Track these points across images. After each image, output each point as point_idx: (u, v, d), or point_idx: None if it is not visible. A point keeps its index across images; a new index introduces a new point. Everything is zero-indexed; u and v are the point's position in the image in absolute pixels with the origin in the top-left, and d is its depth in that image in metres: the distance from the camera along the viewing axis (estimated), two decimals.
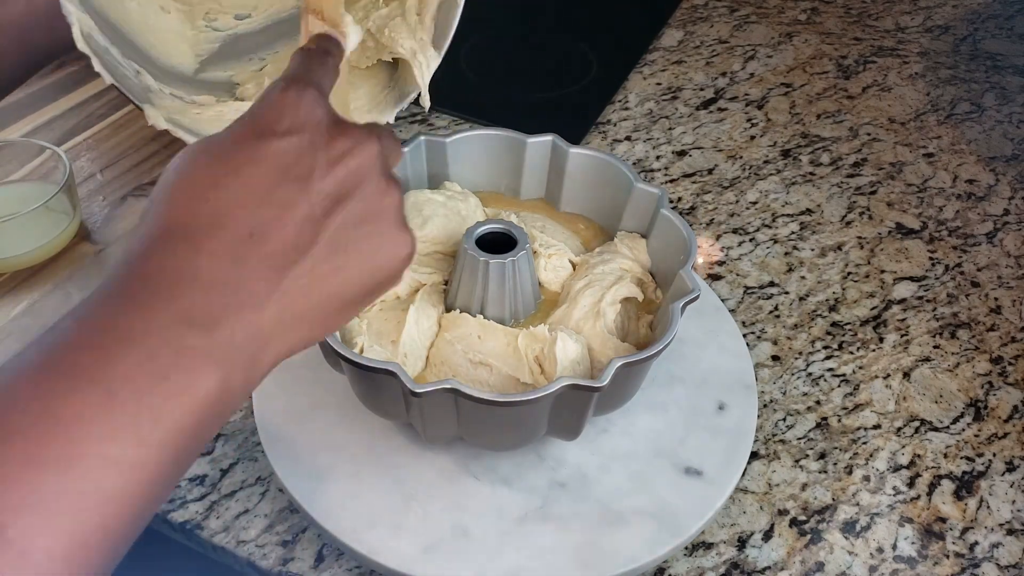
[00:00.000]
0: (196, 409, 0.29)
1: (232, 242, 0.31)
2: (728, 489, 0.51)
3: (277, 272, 0.31)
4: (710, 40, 0.99)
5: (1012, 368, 0.64)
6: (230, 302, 0.30)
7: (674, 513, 0.49)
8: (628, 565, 0.47)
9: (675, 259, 0.53)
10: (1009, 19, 1.08)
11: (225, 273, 0.30)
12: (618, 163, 0.57)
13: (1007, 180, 0.81)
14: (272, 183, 0.32)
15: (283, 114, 0.33)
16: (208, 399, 0.29)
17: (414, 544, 0.47)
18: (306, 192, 0.32)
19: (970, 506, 0.55)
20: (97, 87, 0.79)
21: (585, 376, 0.48)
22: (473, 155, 0.59)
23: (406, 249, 0.35)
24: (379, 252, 0.34)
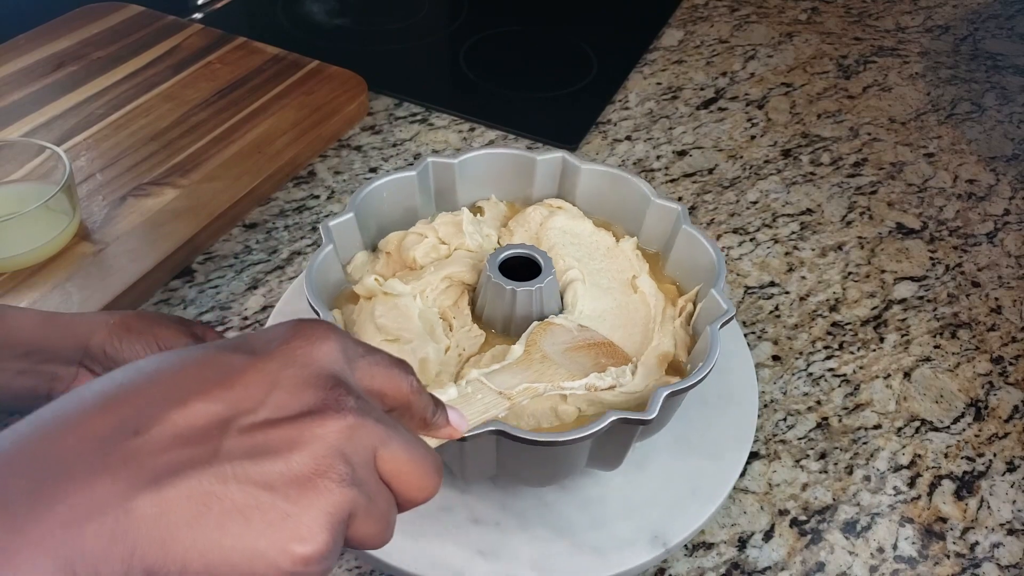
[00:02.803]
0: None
1: (111, 427, 0.26)
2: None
3: (136, 484, 0.25)
4: (710, 40, 0.99)
5: (1012, 368, 0.64)
6: (61, 494, 0.25)
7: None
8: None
9: (700, 275, 0.52)
10: (1009, 19, 1.08)
11: (74, 458, 0.25)
12: (634, 178, 0.56)
13: (1007, 180, 0.81)
14: (200, 389, 0.27)
15: (286, 338, 0.30)
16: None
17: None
18: (231, 421, 0.27)
19: (971, 506, 0.54)
20: (97, 87, 0.79)
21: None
22: (481, 174, 0.58)
23: (306, 549, 0.27)
24: (271, 534, 0.26)
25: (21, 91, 0.78)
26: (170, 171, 0.70)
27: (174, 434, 0.26)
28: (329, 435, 0.28)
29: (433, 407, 0.35)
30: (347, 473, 0.28)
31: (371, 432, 0.29)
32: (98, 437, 0.26)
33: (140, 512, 0.25)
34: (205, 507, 0.26)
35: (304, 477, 0.27)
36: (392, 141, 0.80)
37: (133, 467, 0.25)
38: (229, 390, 0.28)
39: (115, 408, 0.27)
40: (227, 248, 0.68)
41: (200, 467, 0.26)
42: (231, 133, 0.75)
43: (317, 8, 1.02)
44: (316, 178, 0.75)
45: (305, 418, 0.28)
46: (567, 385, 0.45)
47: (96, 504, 0.25)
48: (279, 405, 0.28)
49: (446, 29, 1.00)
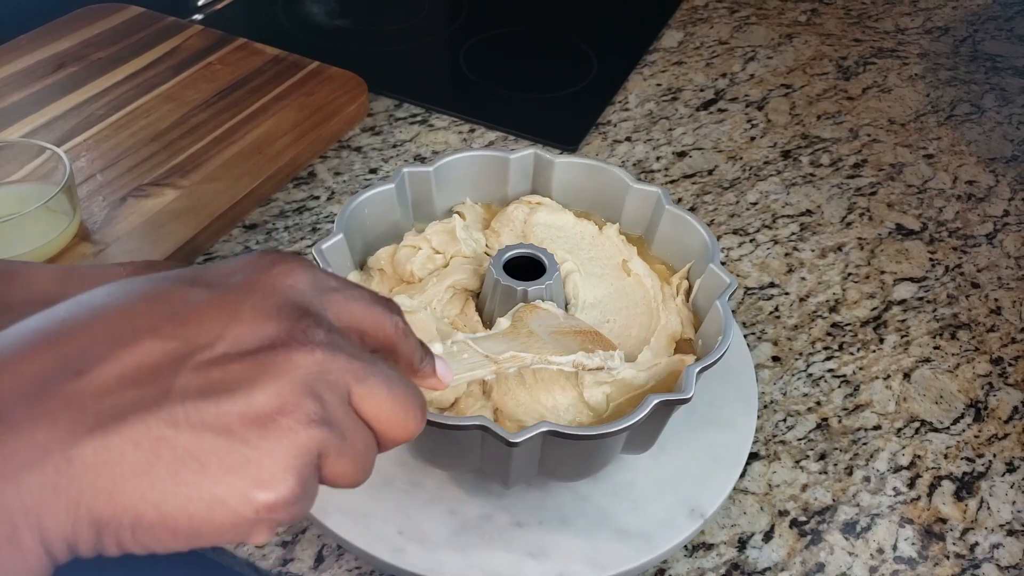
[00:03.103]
0: None
1: (51, 368, 0.24)
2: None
3: (77, 429, 0.23)
4: (710, 41, 0.99)
5: (1012, 369, 0.64)
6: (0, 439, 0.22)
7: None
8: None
9: (690, 254, 0.53)
10: (1009, 20, 1.08)
11: (9, 401, 0.23)
12: (610, 167, 0.57)
13: (1007, 181, 0.81)
14: (151, 326, 0.25)
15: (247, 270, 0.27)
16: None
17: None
18: (185, 358, 0.25)
19: (970, 507, 0.54)
20: (97, 88, 0.79)
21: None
22: (456, 179, 0.58)
23: (270, 495, 0.24)
24: (230, 481, 0.24)
25: (21, 92, 0.78)
26: (170, 172, 0.70)
27: (120, 374, 0.24)
28: (294, 370, 0.25)
29: (421, 352, 0.32)
30: (315, 410, 0.25)
31: (343, 367, 0.27)
32: (36, 378, 0.24)
33: (83, 460, 0.23)
34: (155, 454, 0.23)
35: (265, 416, 0.25)
36: (392, 142, 0.80)
37: (75, 411, 0.23)
38: (182, 325, 0.25)
39: (55, 346, 0.24)
40: (227, 249, 0.68)
41: (148, 409, 0.24)
42: (231, 134, 0.75)
43: (317, 9, 1.02)
44: (316, 179, 0.75)
45: (267, 351, 0.25)
46: (554, 359, 0.44)
47: (35, 452, 0.23)
48: (238, 339, 0.25)
49: (446, 30, 1.00)
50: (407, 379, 0.30)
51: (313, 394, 0.26)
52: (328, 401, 0.26)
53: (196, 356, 0.25)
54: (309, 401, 0.25)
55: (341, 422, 0.27)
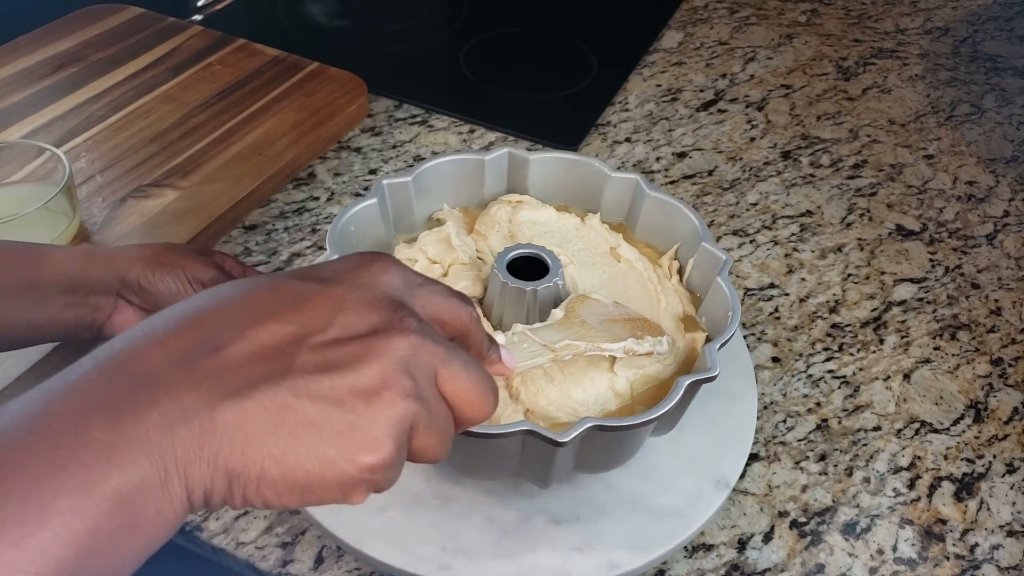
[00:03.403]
0: (93, 510, 0.25)
1: (193, 345, 0.28)
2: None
3: (217, 395, 0.27)
4: (710, 42, 0.99)
5: (1012, 370, 0.64)
6: (153, 400, 0.27)
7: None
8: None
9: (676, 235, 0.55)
10: (1009, 21, 1.08)
11: (162, 370, 0.27)
12: (586, 158, 0.57)
13: (1007, 182, 0.81)
14: (274, 312, 0.29)
15: (349, 268, 0.32)
16: (110, 499, 0.25)
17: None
18: (303, 340, 0.29)
19: (970, 508, 0.54)
20: (97, 89, 0.79)
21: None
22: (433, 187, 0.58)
23: (372, 458, 0.29)
24: (340, 443, 0.28)
25: (21, 92, 0.78)
26: (170, 173, 0.70)
27: (251, 351, 0.28)
28: (394, 351, 0.30)
29: (488, 341, 0.37)
30: (411, 387, 0.30)
31: (432, 351, 0.31)
32: (182, 353, 0.28)
33: (223, 420, 0.27)
34: (280, 418, 0.28)
35: (371, 390, 0.29)
36: (392, 143, 0.80)
37: (216, 379, 0.28)
38: (300, 312, 0.30)
39: (196, 328, 0.29)
40: (227, 250, 0.68)
41: (275, 381, 0.28)
42: (231, 135, 0.75)
43: (317, 10, 1.02)
44: (316, 180, 0.75)
45: (371, 336, 0.30)
46: (606, 346, 0.47)
47: (185, 412, 0.27)
48: (346, 325, 0.30)
49: (446, 31, 1.00)
50: (481, 366, 0.34)
51: (408, 372, 0.30)
52: (420, 380, 0.30)
53: (312, 338, 0.29)
54: (405, 378, 0.30)
55: (429, 399, 0.31)
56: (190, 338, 0.28)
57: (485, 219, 0.57)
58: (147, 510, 0.26)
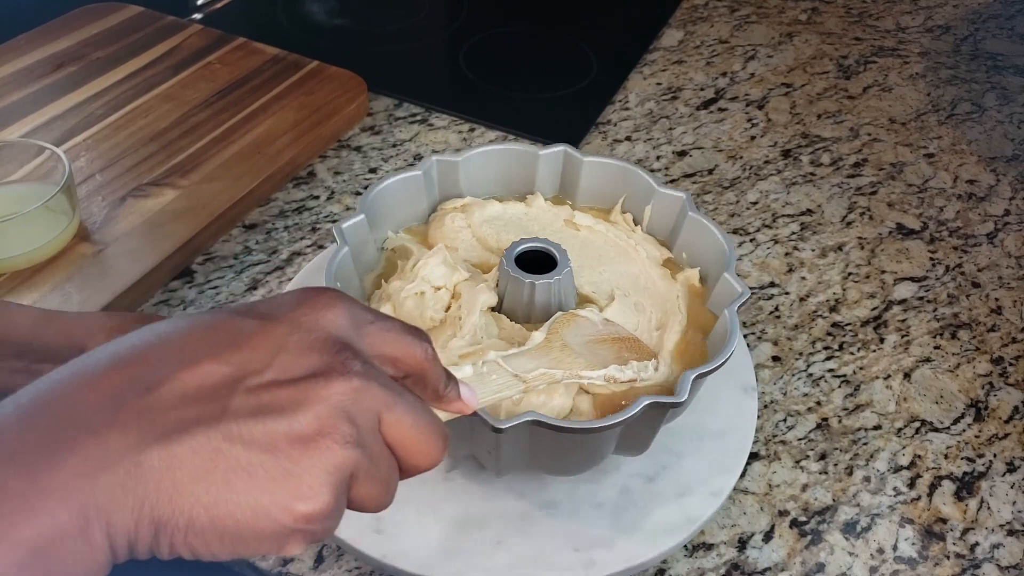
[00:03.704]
0: (5, 560, 0.24)
1: (123, 384, 0.27)
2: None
3: (146, 438, 0.26)
4: (710, 40, 0.99)
5: (1013, 369, 0.63)
6: (75, 444, 0.25)
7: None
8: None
9: (709, 260, 0.53)
10: (1010, 19, 1.08)
11: (88, 411, 0.26)
12: (637, 169, 0.57)
13: (1008, 180, 0.81)
14: (210, 352, 0.28)
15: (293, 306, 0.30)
16: (24, 550, 0.24)
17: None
18: (239, 382, 0.28)
19: (971, 507, 0.54)
20: (96, 87, 0.79)
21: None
22: (484, 171, 0.58)
23: (308, 507, 0.27)
24: (273, 491, 0.27)
25: (21, 91, 0.78)
26: (170, 172, 0.70)
27: (184, 392, 0.27)
28: (333, 396, 0.29)
29: (446, 379, 0.35)
30: (350, 434, 0.28)
31: (375, 396, 0.30)
32: (112, 393, 0.27)
33: (150, 465, 0.26)
34: (212, 463, 0.26)
35: (307, 436, 0.28)
36: (392, 142, 0.80)
37: (144, 422, 0.26)
38: (237, 352, 0.29)
39: (128, 367, 0.28)
40: (227, 249, 0.68)
41: (208, 425, 0.27)
42: (231, 134, 0.75)
43: (317, 8, 1.02)
44: (316, 179, 0.75)
45: (310, 380, 0.29)
46: (585, 374, 0.45)
47: (109, 456, 0.25)
48: (285, 368, 0.29)
49: (446, 29, 1.00)
50: (430, 411, 0.33)
51: (348, 419, 0.29)
52: (361, 425, 0.29)
53: (248, 380, 0.28)
54: (345, 424, 0.28)
55: (371, 446, 0.30)
56: (121, 377, 0.27)
57: (441, 232, 0.56)
58: (66, 561, 0.25)
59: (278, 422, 0.28)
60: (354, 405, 0.29)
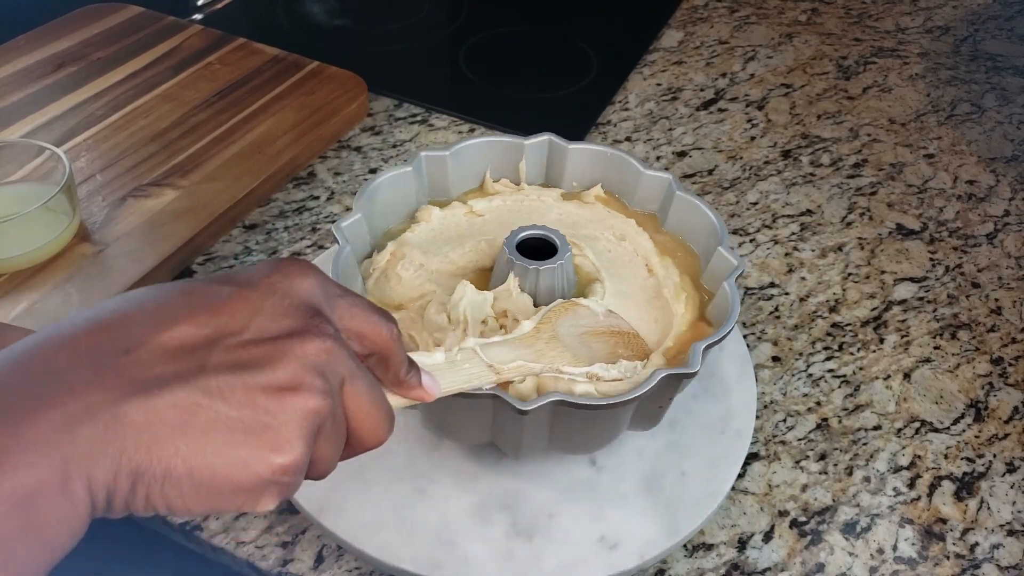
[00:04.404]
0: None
1: (102, 345, 0.27)
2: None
3: (125, 392, 0.27)
4: (710, 41, 0.99)
5: (1012, 369, 0.64)
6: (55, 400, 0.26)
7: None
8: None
9: (700, 237, 0.54)
10: (1009, 20, 1.08)
11: (67, 370, 0.27)
12: (622, 154, 0.57)
13: (1007, 181, 0.81)
14: (188, 315, 0.29)
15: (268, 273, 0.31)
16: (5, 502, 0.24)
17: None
18: (217, 341, 0.29)
19: (970, 507, 0.54)
20: (96, 88, 0.79)
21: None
22: (471, 164, 0.58)
23: (284, 459, 0.28)
24: (251, 443, 0.28)
25: (21, 92, 0.78)
26: (170, 172, 0.70)
27: (163, 351, 0.28)
28: (308, 354, 0.30)
29: (407, 365, 0.36)
30: (323, 387, 0.30)
31: (344, 361, 0.31)
32: (90, 354, 0.27)
33: (129, 418, 0.26)
34: (191, 416, 0.27)
35: (284, 388, 0.29)
36: (392, 142, 0.80)
37: (124, 378, 0.27)
38: (214, 315, 0.29)
39: (106, 329, 0.28)
40: (227, 249, 0.68)
41: (187, 379, 0.27)
42: (231, 134, 0.75)
43: (317, 9, 1.02)
44: (316, 179, 0.75)
45: (286, 339, 0.30)
46: (567, 370, 0.44)
47: (88, 409, 0.26)
48: (261, 329, 0.30)
49: (446, 29, 1.00)
50: (382, 393, 0.34)
51: (321, 375, 0.30)
52: (331, 383, 0.30)
53: (226, 340, 0.29)
54: (319, 379, 0.30)
55: (337, 405, 0.31)
56: (98, 339, 0.28)
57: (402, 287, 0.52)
58: (47, 514, 0.25)
59: (256, 376, 0.28)
60: (327, 363, 0.30)
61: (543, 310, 0.46)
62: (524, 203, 0.58)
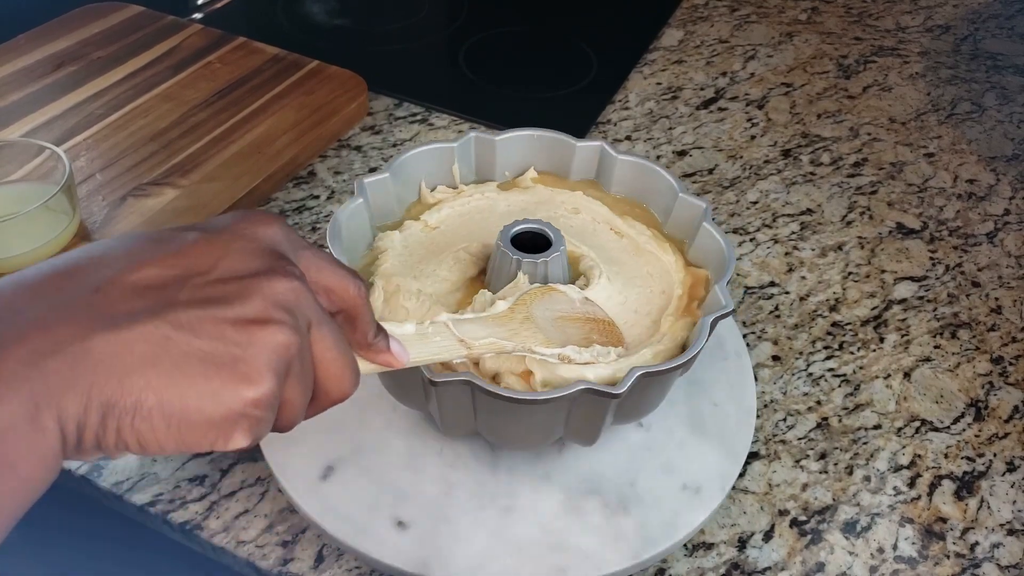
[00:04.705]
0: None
1: (69, 287, 0.27)
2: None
3: (94, 327, 0.26)
4: (710, 40, 0.99)
5: (1013, 368, 0.63)
6: (22, 336, 0.26)
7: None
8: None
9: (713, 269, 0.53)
10: (1010, 19, 1.08)
11: (33, 308, 0.27)
12: (663, 171, 0.57)
13: (1008, 180, 0.81)
14: (156, 258, 0.29)
15: (235, 220, 0.32)
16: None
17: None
18: (186, 280, 0.29)
19: (971, 506, 0.54)
20: (96, 87, 0.79)
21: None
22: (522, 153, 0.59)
23: (255, 391, 0.28)
24: (223, 376, 0.28)
25: (21, 91, 0.78)
26: (170, 171, 0.70)
27: (132, 289, 0.28)
28: (276, 291, 0.30)
29: (375, 328, 0.35)
30: (292, 323, 0.30)
31: (311, 305, 0.31)
32: (59, 294, 0.27)
33: (99, 350, 0.26)
34: (161, 349, 0.27)
35: (253, 321, 0.29)
36: (392, 141, 0.80)
37: (93, 314, 0.27)
38: (183, 257, 0.30)
39: (74, 272, 0.28)
40: None
41: (157, 314, 0.27)
42: (231, 133, 0.75)
43: (317, 8, 1.02)
44: (316, 178, 0.75)
45: (254, 277, 0.30)
46: (539, 350, 0.43)
47: (57, 344, 0.26)
48: (229, 268, 0.30)
49: (446, 29, 1.00)
50: (349, 347, 0.33)
51: (290, 312, 0.30)
52: (299, 322, 0.30)
53: (195, 279, 0.29)
54: (287, 315, 0.30)
55: (303, 344, 0.30)
56: (67, 281, 0.28)
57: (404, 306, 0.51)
58: (19, 448, 0.25)
59: (225, 310, 0.28)
60: (294, 304, 0.30)
61: (518, 292, 0.46)
62: (470, 204, 0.57)
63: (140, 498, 0.51)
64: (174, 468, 0.52)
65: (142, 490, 0.51)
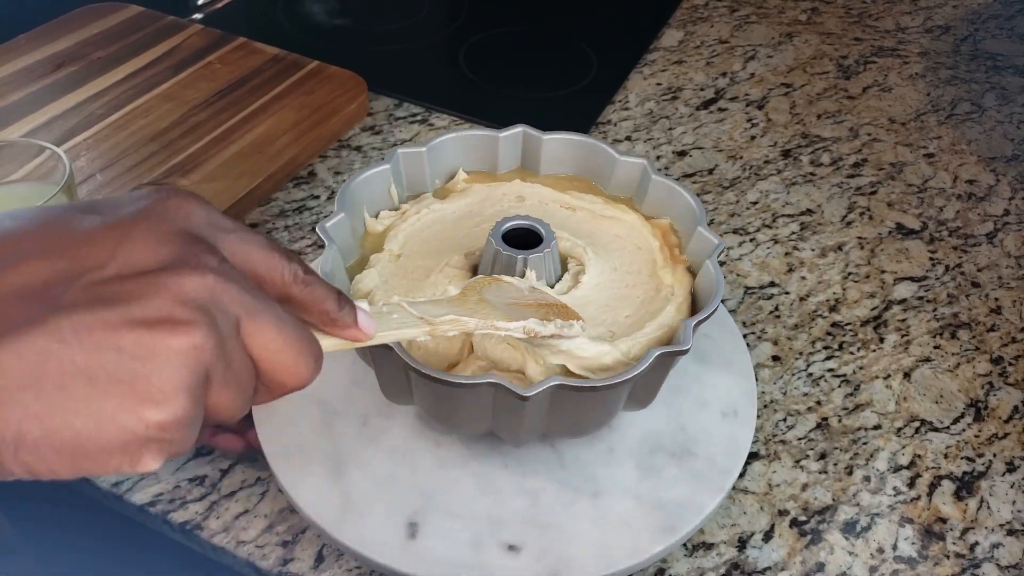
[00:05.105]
0: None
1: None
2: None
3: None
4: (710, 40, 0.99)
5: (1012, 368, 0.64)
6: None
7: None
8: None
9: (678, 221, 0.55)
10: (1010, 19, 1.08)
11: None
12: (596, 142, 0.58)
13: (1007, 180, 0.81)
14: (44, 247, 0.25)
15: (142, 199, 0.27)
16: None
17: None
18: (75, 277, 0.24)
19: (970, 506, 0.54)
20: (97, 87, 0.79)
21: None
22: (448, 158, 0.59)
23: (161, 413, 0.24)
24: (119, 395, 0.23)
25: (21, 91, 0.78)
26: (170, 171, 0.70)
27: (9, 291, 0.24)
28: (186, 289, 0.25)
29: (337, 301, 0.31)
30: (205, 321, 0.25)
31: (234, 298, 0.26)
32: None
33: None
34: (40, 367, 0.23)
35: (152, 323, 0.24)
36: (392, 141, 0.80)
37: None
38: (73, 247, 0.25)
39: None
40: None
41: (33, 324, 0.23)
42: (231, 133, 0.75)
43: (317, 8, 1.02)
44: (316, 178, 0.75)
45: (157, 273, 0.25)
46: (502, 325, 0.42)
47: None
48: (129, 260, 0.25)
49: (446, 29, 1.00)
50: (303, 326, 0.29)
51: (203, 309, 0.25)
52: (217, 320, 0.26)
53: (86, 276, 0.24)
54: (200, 314, 0.25)
55: (228, 350, 0.26)
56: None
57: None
58: None
59: (117, 311, 0.24)
60: (210, 302, 0.25)
61: (467, 282, 0.45)
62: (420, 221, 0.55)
63: (140, 498, 0.51)
64: (174, 468, 0.52)
65: (142, 490, 0.51)
